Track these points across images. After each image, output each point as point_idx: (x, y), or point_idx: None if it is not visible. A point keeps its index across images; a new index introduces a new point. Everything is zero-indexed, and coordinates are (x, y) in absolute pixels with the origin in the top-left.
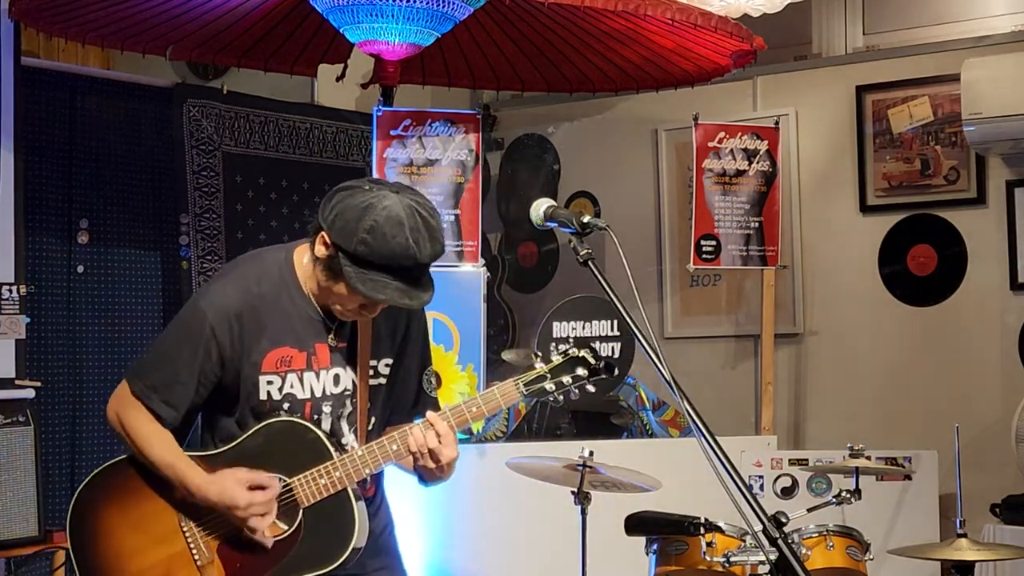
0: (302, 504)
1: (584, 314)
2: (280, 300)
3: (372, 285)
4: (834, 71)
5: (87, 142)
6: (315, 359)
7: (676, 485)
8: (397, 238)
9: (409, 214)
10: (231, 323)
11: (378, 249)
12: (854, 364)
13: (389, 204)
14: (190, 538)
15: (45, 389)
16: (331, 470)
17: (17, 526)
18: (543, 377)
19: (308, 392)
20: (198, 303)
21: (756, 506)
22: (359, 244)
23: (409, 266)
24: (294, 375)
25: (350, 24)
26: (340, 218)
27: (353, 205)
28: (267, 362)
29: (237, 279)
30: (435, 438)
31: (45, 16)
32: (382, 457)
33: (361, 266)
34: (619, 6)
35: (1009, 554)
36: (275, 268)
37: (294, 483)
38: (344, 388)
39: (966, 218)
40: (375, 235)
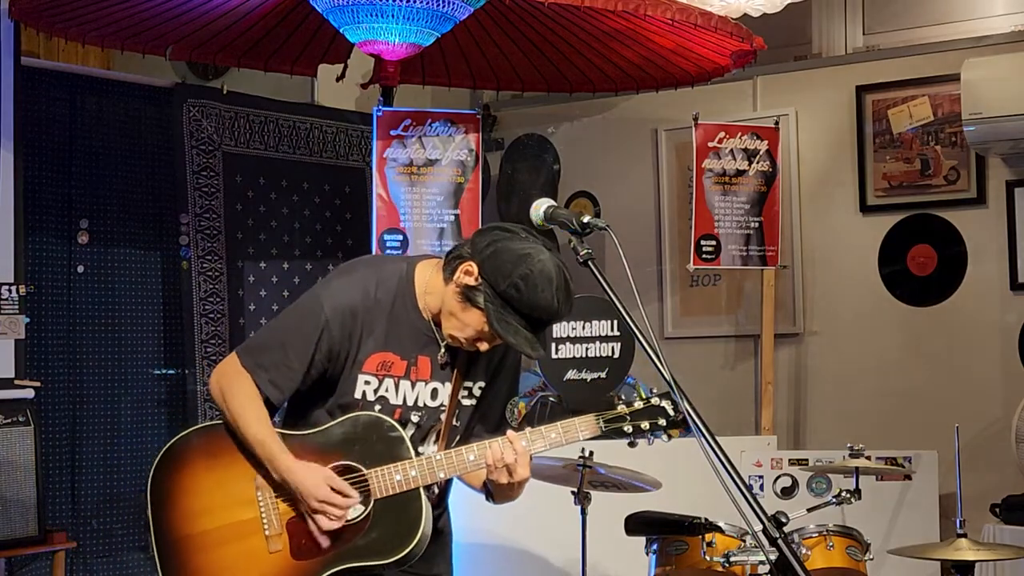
0: (374, 495)
1: (584, 314)
2: (394, 308)
3: (507, 327)
4: (834, 71)
5: (87, 142)
6: (415, 370)
7: (676, 485)
8: (545, 293)
9: (558, 274)
10: (345, 319)
11: (527, 298)
12: (854, 364)
13: (544, 259)
14: (264, 508)
15: (45, 389)
16: (407, 468)
17: (17, 526)
18: (623, 418)
19: (401, 399)
20: (319, 295)
21: (756, 506)
22: (511, 287)
23: (545, 320)
24: (391, 380)
25: (350, 24)
26: (496, 257)
27: (512, 248)
28: (369, 363)
29: (359, 280)
30: (512, 454)
31: (45, 16)
32: (458, 464)
33: (503, 306)
34: (619, 6)
35: (1009, 554)
36: (395, 277)
37: (369, 474)
38: (441, 403)
39: (966, 218)
40: (528, 283)
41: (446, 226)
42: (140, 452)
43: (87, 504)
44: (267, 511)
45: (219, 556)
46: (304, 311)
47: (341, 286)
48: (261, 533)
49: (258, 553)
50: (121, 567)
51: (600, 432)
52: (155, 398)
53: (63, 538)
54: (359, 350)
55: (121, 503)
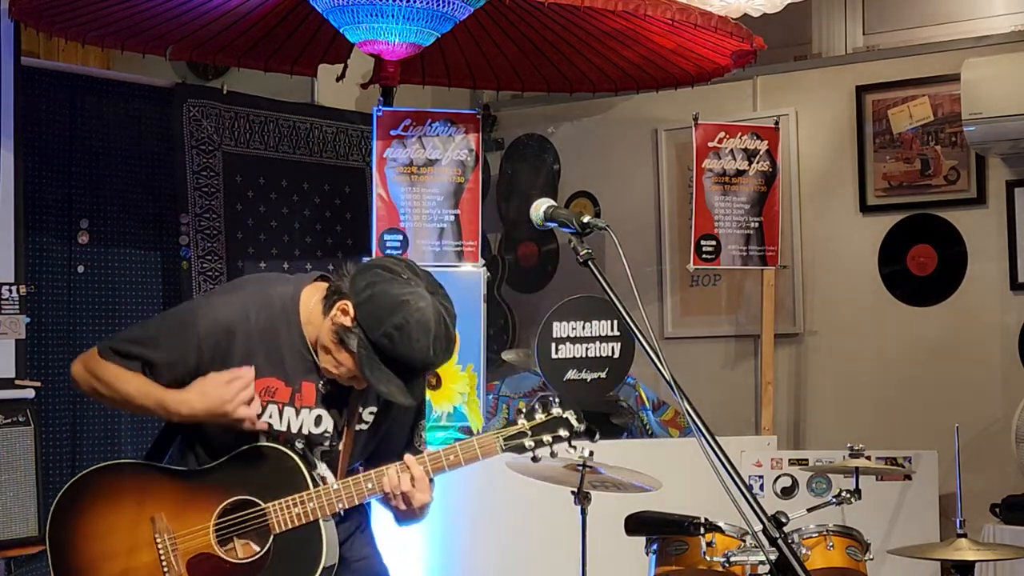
0: (273, 530)
1: (584, 314)
2: (277, 333)
3: (379, 376)
4: (834, 71)
5: (87, 142)
6: (299, 396)
7: (676, 485)
8: (420, 343)
9: (437, 321)
10: (219, 339)
11: (400, 349)
12: (854, 364)
13: (423, 307)
14: (162, 551)
15: (45, 389)
16: (306, 500)
17: (17, 526)
18: (523, 434)
19: (285, 426)
20: (195, 308)
21: (756, 506)
22: (383, 336)
23: (419, 369)
24: (275, 407)
25: (350, 24)
26: (372, 302)
27: (390, 294)
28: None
29: (240, 300)
30: (408, 481)
31: (45, 16)
32: (356, 494)
33: (376, 353)
34: (619, 6)
35: (1009, 554)
36: (279, 301)
37: (268, 508)
38: (324, 430)
39: (966, 218)
40: (402, 334)
41: (446, 226)
42: (140, 452)
43: None
44: (166, 553)
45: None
46: (178, 319)
47: (220, 305)
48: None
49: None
50: None
51: (500, 451)
52: None
53: None
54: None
55: None
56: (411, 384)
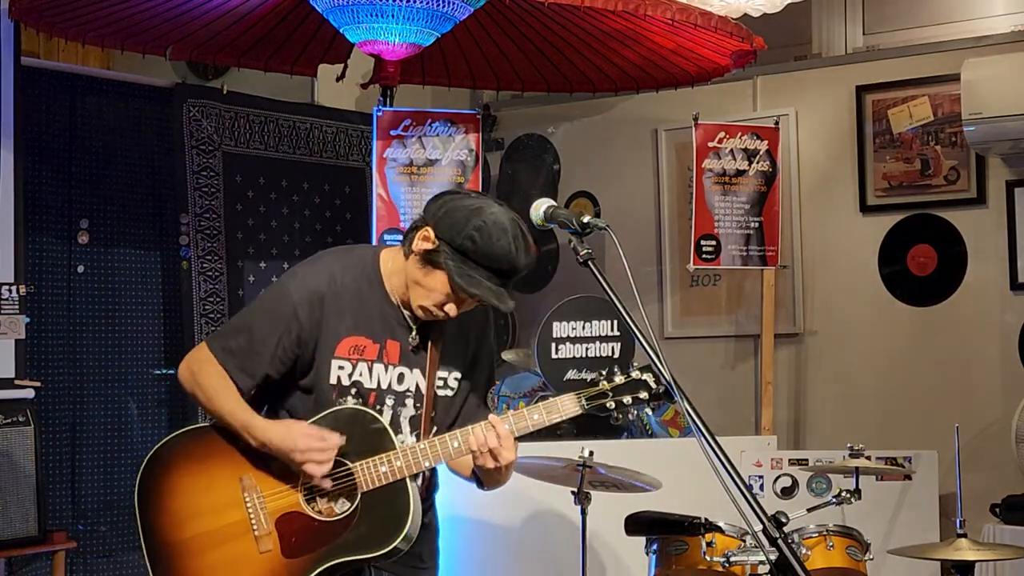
0: (361, 489)
1: (584, 314)
2: (362, 292)
3: (469, 280)
4: (834, 71)
5: (87, 142)
6: (385, 353)
7: (676, 485)
8: (501, 241)
9: (512, 224)
10: (313, 306)
11: (483, 247)
12: (854, 364)
13: (495, 211)
14: (251, 509)
15: (45, 389)
16: (392, 459)
17: (17, 526)
18: (604, 394)
19: (375, 383)
20: (285, 283)
21: (756, 506)
22: (466, 239)
23: (506, 270)
24: (364, 364)
25: (350, 24)
26: (449, 216)
27: (463, 206)
28: (341, 347)
29: (325, 266)
30: (495, 438)
31: (45, 16)
32: (442, 452)
33: (463, 261)
34: (619, 6)
35: (1009, 554)
36: (361, 263)
37: (355, 468)
38: (407, 388)
39: (966, 218)
40: (483, 234)
41: None
42: (140, 452)
43: (87, 504)
44: (255, 511)
45: (210, 559)
46: (272, 299)
47: (308, 273)
48: (250, 534)
49: (248, 554)
50: (121, 567)
51: (583, 410)
52: (155, 398)
53: (63, 538)
54: (330, 335)
55: (121, 503)
56: (500, 287)
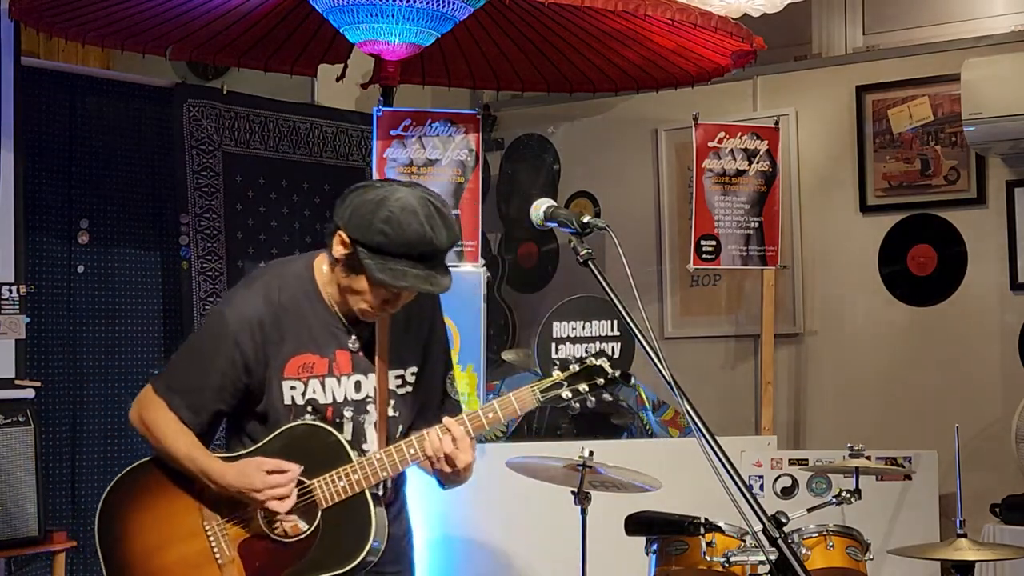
0: (321, 505)
1: (584, 314)
2: (301, 308)
3: (393, 273)
4: (834, 71)
5: (87, 142)
6: (336, 365)
7: (676, 485)
8: (413, 225)
9: (422, 204)
10: (254, 331)
11: (396, 238)
12: (854, 364)
13: (402, 196)
14: (212, 537)
15: (45, 389)
16: (350, 472)
17: (17, 526)
18: (559, 385)
19: (330, 397)
20: (222, 312)
21: (756, 506)
22: (377, 234)
23: (428, 252)
24: (316, 381)
25: (350, 24)
26: (356, 214)
27: (367, 200)
28: (289, 368)
29: (259, 289)
30: (451, 443)
31: (45, 16)
32: (400, 461)
33: (381, 257)
34: (619, 6)
35: (1009, 554)
36: (295, 278)
37: (313, 485)
38: (366, 395)
39: (966, 218)
40: (392, 225)
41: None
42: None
43: (87, 504)
44: (216, 539)
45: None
46: (211, 331)
47: (243, 299)
48: (213, 562)
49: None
50: None
51: (537, 403)
52: None
53: (63, 538)
54: (276, 358)
55: None
56: (428, 271)
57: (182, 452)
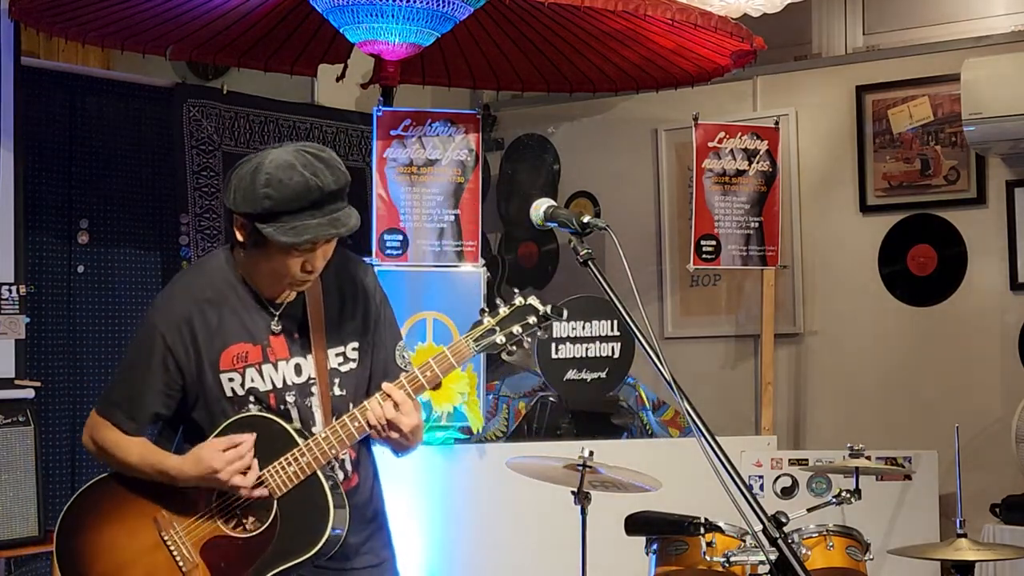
0: (276, 494)
1: (584, 314)
2: (227, 300)
3: (294, 232)
4: (834, 71)
5: (87, 142)
6: (271, 351)
7: (676, 485)
8: (294, 179)
9: (297, 155)
10: (181, 331)
11: (281, 196)
12: (854, 364)
13: (274, 156)
14: (172, 546)
15: (45, 389)
16: (298, 456)
17: (17, 526)
18: (492, 331)
19: (269, 384)
20: (149, 318)
21: (756, 506)
22: (263, 199)
23: (319, 198)
24: (252, 369)
25: (350, 24)
26: (238, 191)
27: (244, 174)
28: (224, 360)
29: (182, 288)
30: (392, 408)
31: (45, 16)
32: (346, 436)
33: (277, 221)
34: (619, 6)
35: (1009, 554)
36: (215, 271)
37: (265, 475)
38: (308, 377)
39: (966, 218)
40: (273, 185)
41: (446, 226)
42: None
43: None
44: (176, 547)
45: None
46: (141, 339)
47: (168, 300)
48: (178, 572)
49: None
50: None
51: (474, 352)
52: None
53: None
54: (210, 352)
55: None
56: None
57: (138, 459)
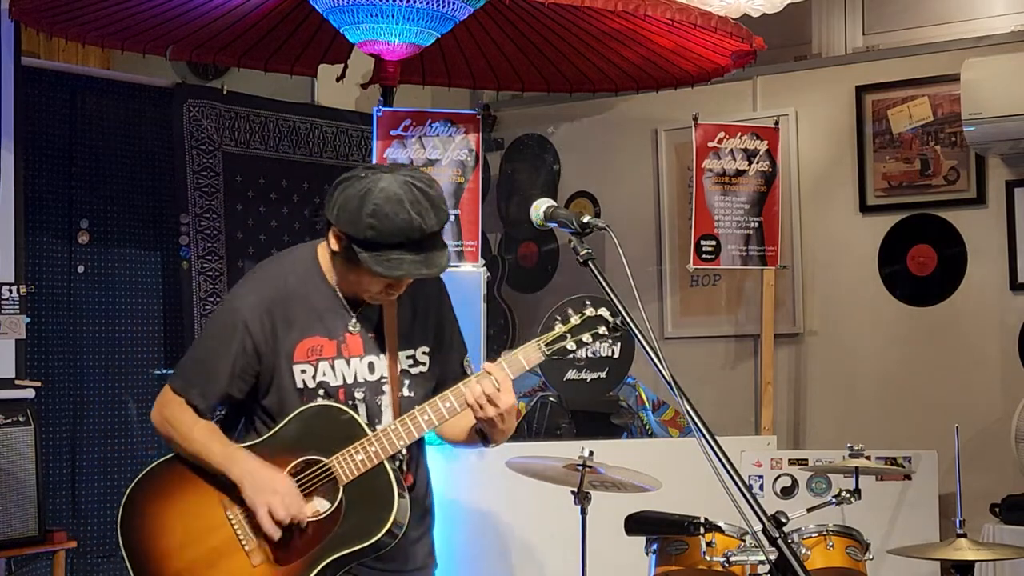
0: (341, 482)
1: None
2: (308, 293)
3: (388, 265)
4: (834, 71)
5: (87, 142)
6: (345, 347)
7: (676, 485)
8: (400, 215)
9: (406, 190)
10: (262, 317)
11: (384, 230)
12: (854, 364)
13: (384, 185)
14: (236, 525)
15: (45, 389)
16: (367, 445)
17: (17, 526)
18: (563, 337)
19: (340, 379)
20: (231, 301)
21: (756, 506)
22: (367, 229)
23: (418, 239)
24: (326, 363)
25: (350, 24)
26: (343, 210)
27: (352, 195)
28: (299, 352)
29: (266, 277)
30: (491, 384)
31: (45, 16)
32: (415, 428)
33: (374, 249)
34: (619, 6)
35: (1009, 554)
36: (301, 264)
37: (332, 462)
38: (380, 376)
39: (966, 218)
40: (379, 218)
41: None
42: (140, 452)
43: (87, 504)
44: (240, 527)
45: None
46: (220, 320)
47: (251, 286)
48: (240, 550)
49: (242, 570)
50: (121, 567)
51: (544, 357)
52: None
53: (63, 538)
54: (285, 342)
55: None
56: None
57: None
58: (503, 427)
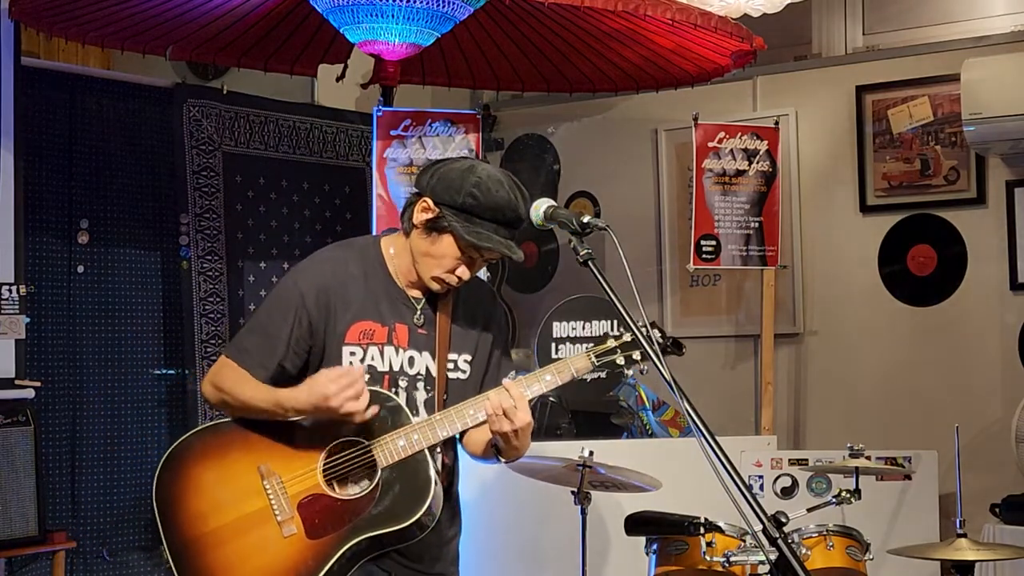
0: (380, 465)
1: (584, 314)
2: (367, 278)
3: (479, 235)
4: (834, 71)
5: (87, 142)
6: (395, 336)
7: (676, 485)
8: (501, 193)
9: (506, 177)
10: (319, 295)
11: (486, 201)
12: (854, 364)
13: (487, 167)
14: (272, 495)
15: (45, 389)
16: (409, 432)
17: (17, 526)
18: (614, 351)
19: (387, 366)
20: (290, 277)
21: (756, 506)
22: (468, 196)
23: (511, 219)
24: (375, 348)
25: (350, 24)
26: (443, 180)
27: (455, 168)
28: (351, 333)
29: (328, 258)
30: (509, 400)
31: (45, 16)
32: (458, 420)
33: (467, 219)
34: (619, 6)
35: (1009, 554)
36: (364, 251)
37: (373, 445)
38: (418, 372)
39: (966, 218)
40: (482, 189)
41: None
42: (140, 452)
43: (87, 504)
44: (276, 497)
45: (234, 549)
46: (279, 294)
47: (311, 266)
48: (273, 520)
49: (273, 539)
50: (121, 567)
51: (593, 367)
52: (155, 398)
53: (63, 538)
54: (339, 322)
55: (121, 503)
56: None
57: (249, 394)
58: (516, 444)
